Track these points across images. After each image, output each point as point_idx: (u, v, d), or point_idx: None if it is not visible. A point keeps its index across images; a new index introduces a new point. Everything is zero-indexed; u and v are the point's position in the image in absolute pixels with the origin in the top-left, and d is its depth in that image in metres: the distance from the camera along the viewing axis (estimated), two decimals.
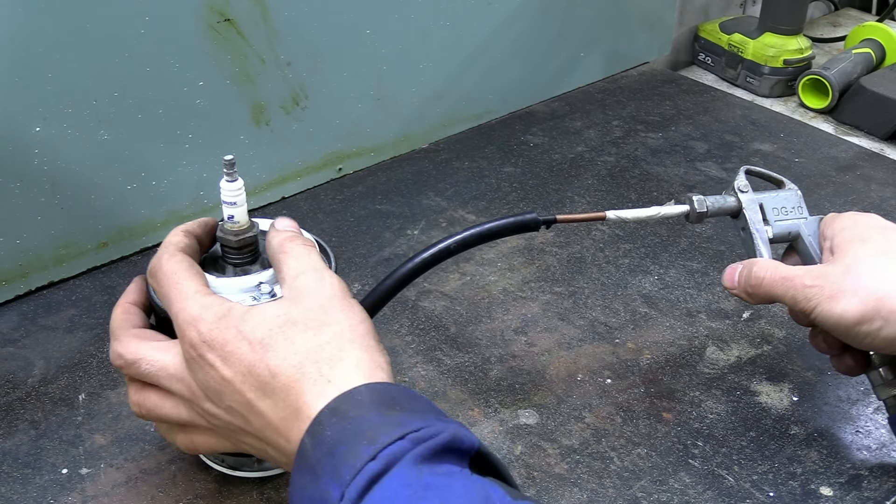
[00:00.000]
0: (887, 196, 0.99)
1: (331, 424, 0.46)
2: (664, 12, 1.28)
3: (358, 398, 0.47)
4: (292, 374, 0.49)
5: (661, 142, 1.09)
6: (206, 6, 0.82)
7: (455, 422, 0.47)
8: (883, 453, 0.67)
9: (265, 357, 0.49)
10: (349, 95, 0.96)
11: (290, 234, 0.57)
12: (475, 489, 0.42)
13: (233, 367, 0.50)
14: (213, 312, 0.52)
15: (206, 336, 0.51)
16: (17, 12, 0.72)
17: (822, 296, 0.60)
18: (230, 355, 0.50)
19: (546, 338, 0.78)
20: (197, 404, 0.53)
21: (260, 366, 0.49)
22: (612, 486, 0.64)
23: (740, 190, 0.70)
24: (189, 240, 0.58)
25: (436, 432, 0.44)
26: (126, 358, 0.55)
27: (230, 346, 0.50)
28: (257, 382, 0.49)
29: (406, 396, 0.48)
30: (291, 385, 0.48)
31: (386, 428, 0.44)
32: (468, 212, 0.95)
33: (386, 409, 0.46)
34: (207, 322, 0.51)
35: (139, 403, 0.56)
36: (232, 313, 0.51)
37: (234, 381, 0.50)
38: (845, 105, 1.22)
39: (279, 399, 0.49)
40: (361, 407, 0.46)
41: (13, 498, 0.62)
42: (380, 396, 0.47)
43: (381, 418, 0.45)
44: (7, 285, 0.80)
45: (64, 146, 0.78)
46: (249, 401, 0.50)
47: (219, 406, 0.52)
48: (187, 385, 0.53)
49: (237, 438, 0.53)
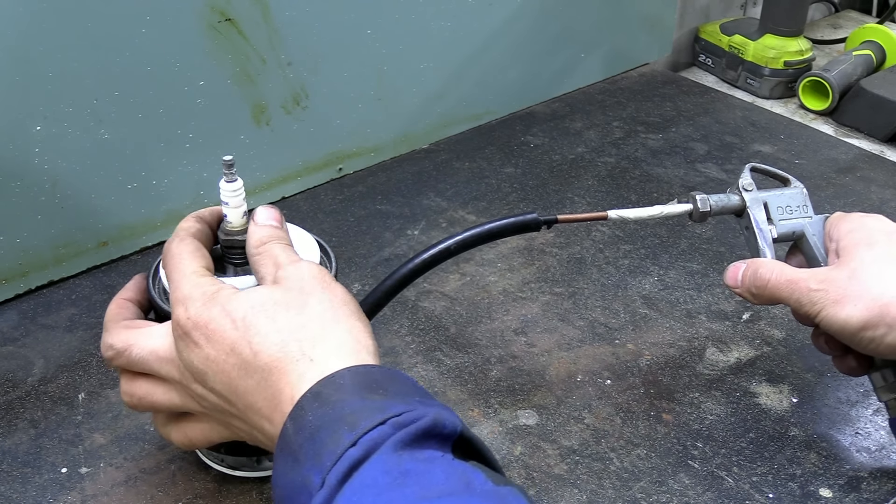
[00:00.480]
0: (887, 198, 0.99)
1: (313, 409, 0.46)
2: (664, 13, 1.28)
3: (340, 381, 0.47)
4: (274, 352, 0.49)
5: (662, 143, 1.09)
6: (207, 6, 0.82)
7: (438, 404, 0.46)
8: (882, 455, 0.67)
9: (247, 335, 0.49)
10: (349, 95, 0.96)
11: (267, 234, 0.56)
12: (456, 475, 0.42)
13: (216, 345, 0.50)
14: (202, 292, 0.52)
15: (191, 314, 0.51)
16: (18, 12, 0.71)
17: (827, 300, 0.60)
18: (213, 333, 0.50)
19: (546, 338, 0.78)
20: (186, 386, 0.53)
21: (242, 343, 0.49)
22: (611, 486, 0.64)
23: (745, 188, 0.69)
24: (201, 225, 0.58)
25: (417, 417, 0.44)
26: (116, 347, 0.55)
27: (213, 325, 0.50)
28: (239, 361, 0.49)
29: (389, 378, 0.48)
30: (273, 364, 0.48)
31: (367, 413, 0.44)
32: (468, 212, 0.95)
33: (368, 392, 0.46)
34: (195, 301, 0.52)
35: (130, 392, 0.56)
36: (220, 294, 0.52)
37: (217, 360, 0.50)
38: (845, 107, 1.22)
39: (261, 378, 0.49)
40: (343, 391, 0.46)
41: (13, 497, 0.62)
42: (362, 379, 0.47)
43: (362, 402, 0.45)
44: (7, 284, 0.80)
45: (64, 146, 0.78)
46: (232, 380, 0.50)
47: (205, 387, 0.51)
48: (177, 367, 0.53)
49: (227, 422, 0.53)
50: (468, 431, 0.45)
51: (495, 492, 0.41)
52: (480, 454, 0.46)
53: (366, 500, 0.41)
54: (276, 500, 0.46)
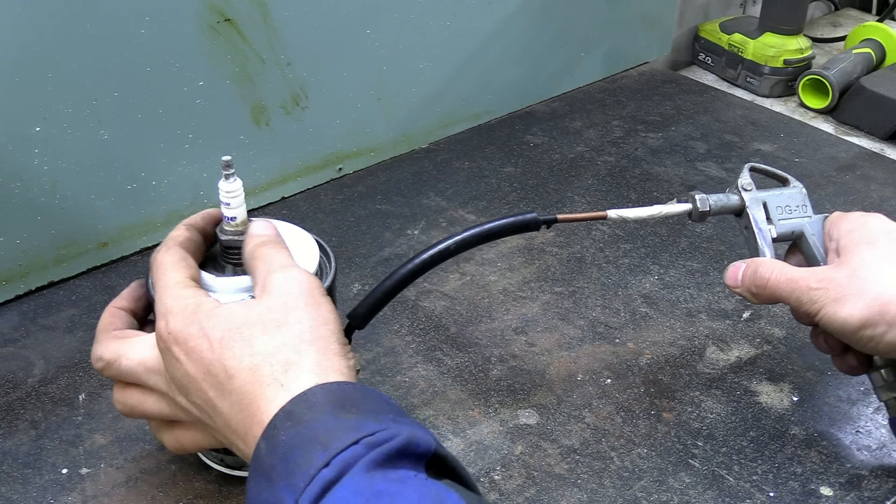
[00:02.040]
0: (887, 196, 0.99)
1: (285, 428, 0.46)
2: (664, 12, 1.28)
3: (313, 400, 0.47)
4: (247, 376, 0.49)
5: (662, 142, 1.09)
6: (206, 6, 0.82)
7: (412, 422, 0.46)
8: (883, 453, 0.67)
9: (222, 357, 0.49)
10: (349, 95, 0.96)
11: (264, 238, 0.56)
12: (429, 495, 0.42)
13: (195, 363, 0.50)
14: (183, 305, 0.52)
15: (171, 328, 0.51)
16: (17, 12, 0.71)
17: (828, 298, 0.60)
18: (192, 351, 0.50)
19: (546, 338, 0.78)
20: (172, 398, 0.53)
21: (217, 365, 0.49)
22: (612, 486, 0.64)
23: (744, 188, 0.69)
24: (190, 233, 0.58)
25: (390, 436, 0.44)
26: (106, 358, 0.55)
27: (192, 342, 0.50)
28: (215, 382, 0.50)
29: (362, 396, 0.48)
30: (246, 388, 0.48)
31: (339, 432, 0.44)
32: (468, 212, 0.95)
33: (341, 410, 0.46)
34: (176, 314, 0.52)
35: (122, 402, 0.56)
36: (200, 309, 0.52)
37: (196, 378, 0.50)
38: (845, 105, 1.22)
39: (235, 401, 0.49)
40: (316, 410, 0.46)
41: (13, 498, 0.62)
42: (335, 397, 0.47)
43: (335, 421, 0.45)
44: (7, 285, 0.80)
45: (64, 146, 0.78)
46: (210, 399, 0.50)
47: (188, 400, 0.52)
48: (164, 378, 0.53)
49: (211, 435, 0.53)
50: (442, 449, 0.45)
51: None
52: (455, 472, 0.46)
53: None
54: None
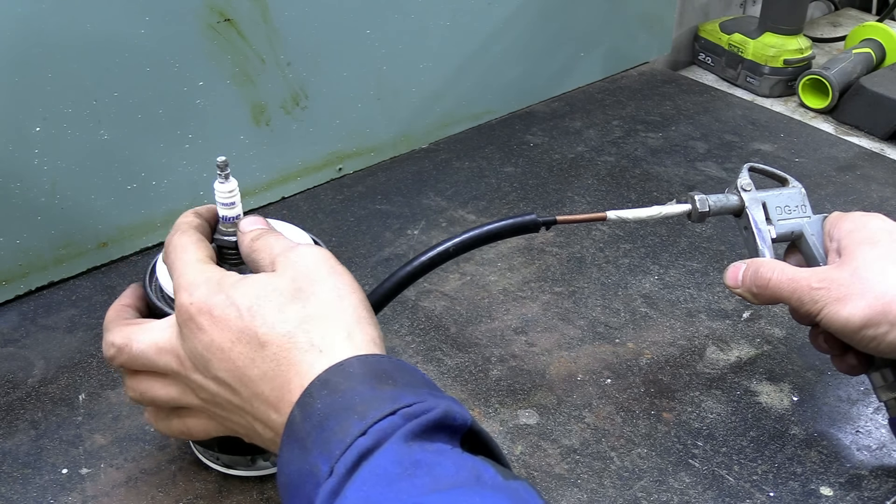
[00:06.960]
0: (887, 196, 0.99)
1: (321, 397, 0.45)
2: (664, 12, 1.28)
3: (350, 370, 0.46)
4: (282, 342, 0.48)
5: (662, 142, 1.09)
6: (206, 6, 0.82)
7: (448, 397, 0.46)
8: (883, 453, 0.67)
9: (253, 324, 0.49)
10: (349, 95, 0.96)
11: (258, 231, 0.56)
12: (466, 467, 0.42)
13: (221, 332, 0.50)
14: (206, 278, 0.52)
15: (195, 299, 0.51)
16: (18, 12, 0.72)
17: (829, 298, 0.60)
18: (218, 319, 0.50)
19: (546, 338, 0.78)
20: (186, 377, 0.52)
21: (248, 332, 0.49)
22: (612, 486, 0.64)
23: (743, 188, 0.69)
24: (200, 220, 0.59)
25: (428, 408, 0.44)
26: (118, 343, 0.55)
27: (217, 311, 0.50)
28: (246, 350, 0.49)
29: (399, 369, 0.48)
30: (282, 354, 0.48)
31: (377, 402, 0.44)
32: (468, 212, 0.95)
33: (378, 382, 0.46)
34: (199, 286, 0.51)
35: (133, 387, 0.56)
36: (225, 280, 0.52)
37: (222, 347, 0.50)
38: (845, 105, 1.22)
39: (269, 368, 0.48)
40: (353, 379, 0.46)
41: (13, 498, 0.62)
42: (372, 369, 0.47)
43: (372, 392, 0.45)
44: (7, 285, 0.80)
45: (64, 147, 0.78)
46: (238, 367, 0.49)
47: (206, 376, 0.51)
48: (176, 356, 0.52)
49: (226, 416, 0.52)
50: (477, 425, 0.45)
51: (506, 486, 0.41)
52: (488, 448, 0.46)
53: (376, 489, 0.41)
54: (282, 487, 0.46)
